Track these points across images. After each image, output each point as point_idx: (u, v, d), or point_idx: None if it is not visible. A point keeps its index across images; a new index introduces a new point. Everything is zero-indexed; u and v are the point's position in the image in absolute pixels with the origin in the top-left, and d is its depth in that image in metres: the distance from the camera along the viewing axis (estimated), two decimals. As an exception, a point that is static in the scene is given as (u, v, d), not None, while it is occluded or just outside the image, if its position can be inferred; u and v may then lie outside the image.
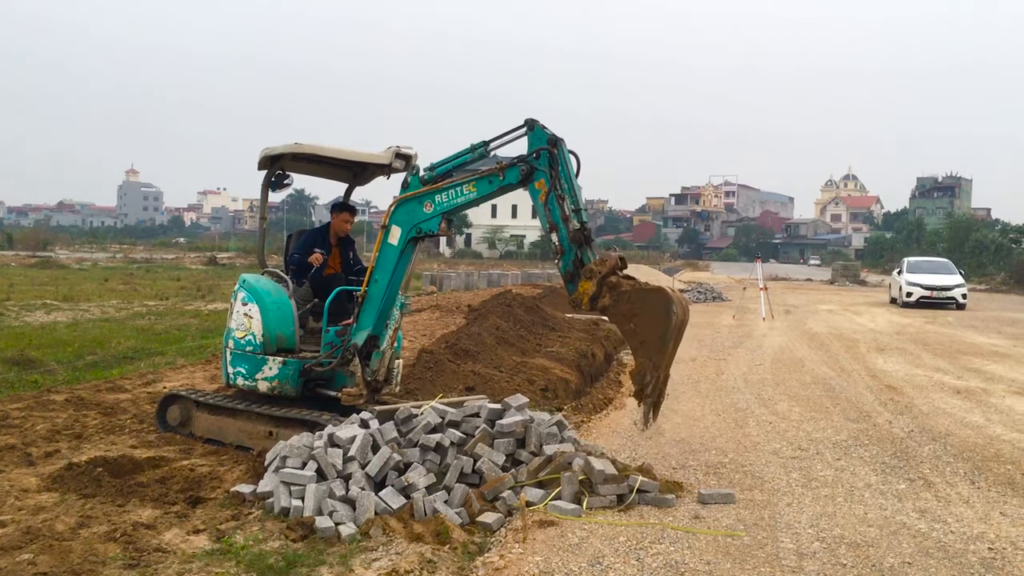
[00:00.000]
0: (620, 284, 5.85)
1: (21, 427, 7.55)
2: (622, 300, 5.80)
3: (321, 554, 4.86)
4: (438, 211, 6.55)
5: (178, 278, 33.25)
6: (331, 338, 6.98)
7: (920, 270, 29.50)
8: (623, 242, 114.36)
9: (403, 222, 6.68)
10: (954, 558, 5.08)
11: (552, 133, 6.19)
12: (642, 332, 5.81)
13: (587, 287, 5.90)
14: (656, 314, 5.73)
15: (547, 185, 6.09)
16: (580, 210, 6.10)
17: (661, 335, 5.75)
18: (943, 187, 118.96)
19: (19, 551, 4.71)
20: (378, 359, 6.83)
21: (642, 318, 5.78)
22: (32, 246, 57.27)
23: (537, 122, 6.25)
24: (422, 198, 6.60)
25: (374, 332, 6.83)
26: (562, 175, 6.10)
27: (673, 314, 5.71)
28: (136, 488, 5.93)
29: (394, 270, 6.75)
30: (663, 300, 5.75)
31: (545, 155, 6.09)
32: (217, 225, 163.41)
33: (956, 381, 11.99)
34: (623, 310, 5.82)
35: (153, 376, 10.56)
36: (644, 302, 5.77)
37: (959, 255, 53.67)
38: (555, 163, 6.09)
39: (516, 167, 6.19)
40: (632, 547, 5.11)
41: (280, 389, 7.11)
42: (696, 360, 13.83)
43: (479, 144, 6.56)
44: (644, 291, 5.81)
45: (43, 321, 16.47)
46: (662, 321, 5.72)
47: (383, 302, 6.78)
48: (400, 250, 6.71)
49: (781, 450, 7.74)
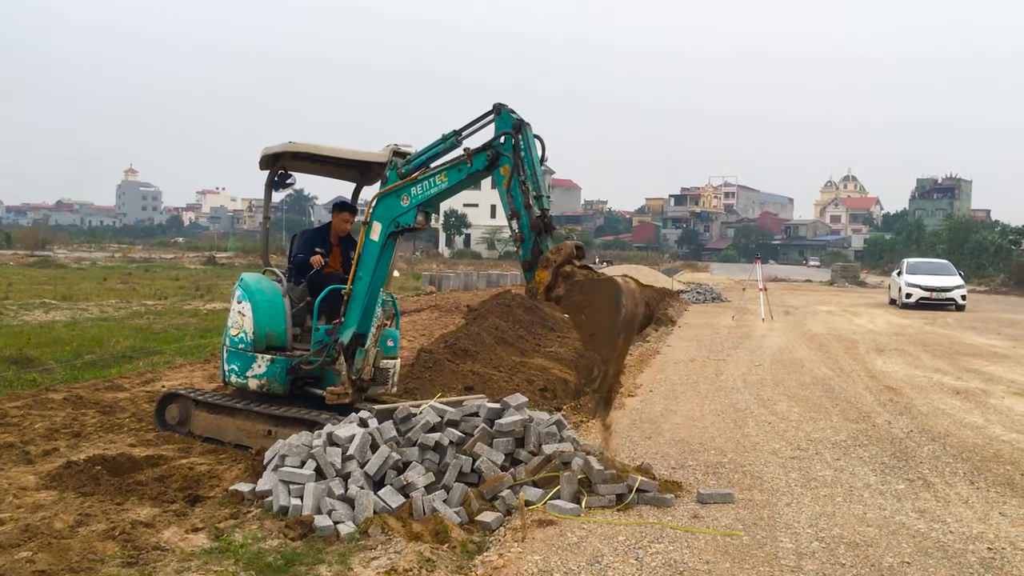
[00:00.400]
0: (574, 273, 5.71)
1: (20, 425, 7.54)
2: (574, 290, 5.65)
3: (320, 553, 4.85)
4: (414, 203, 6.52)
5: (177, 278, 33.27)
6: (321, 336, 6.99)
7: (920, 271, 29.51)
8: (622, 242, 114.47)
9: (383, 217, 6.66)
10: (953, 558, 5.07)
11: (518, 117, 6.11)
12: (592, 324, 5.63)
13: (543, 276, 5.78)
14: (605, 305, 5.56)
15: (511, 170, 6.03)
16: (542, 196, 6.00)
17: (610, 327, 5.55)
18: (943, 188, 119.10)
19: (18, 549, 4.70)
20: (362, 357, 6.78)
21: (593, 309, 5.62)
22: (31, 245, 57.29)
23: (505, 107, 6.18)
24: (399, 192, 6.58)
25: (360, 330, 6.81)
26: (525, 160, 6.01)
27: (622, 306, 5.50)
28: (135, 486, 5.92)
29: (376, 266, 6.72)
30: (612, 290, 5.56)
31: (509, 140, 6.03)
32: (216, 225, 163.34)
33: (955, 382, 11.99)
34: (575, 300, 5.67)
35: (152, 375, 10.56)
36: (595, 292, 5.61)
37: (959, 256, 53.70)
38: (519, 148, 6.02)
39: (482, 153, 6.16)
40: (631, 546, 5.11)
41: (268, 387, 7.13)
42: (695, 360, 13.83)
43: (450, 133, 6.53)
44: (595, 281, 5.66)
45: (42, 320, 16.46)
46: (611, 313, 5.53)
47: (367, 299, 6.76)
48: (381, 246, 6.68)
49: (780, 450, 7.73)
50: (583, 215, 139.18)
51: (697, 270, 69.30)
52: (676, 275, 47.48)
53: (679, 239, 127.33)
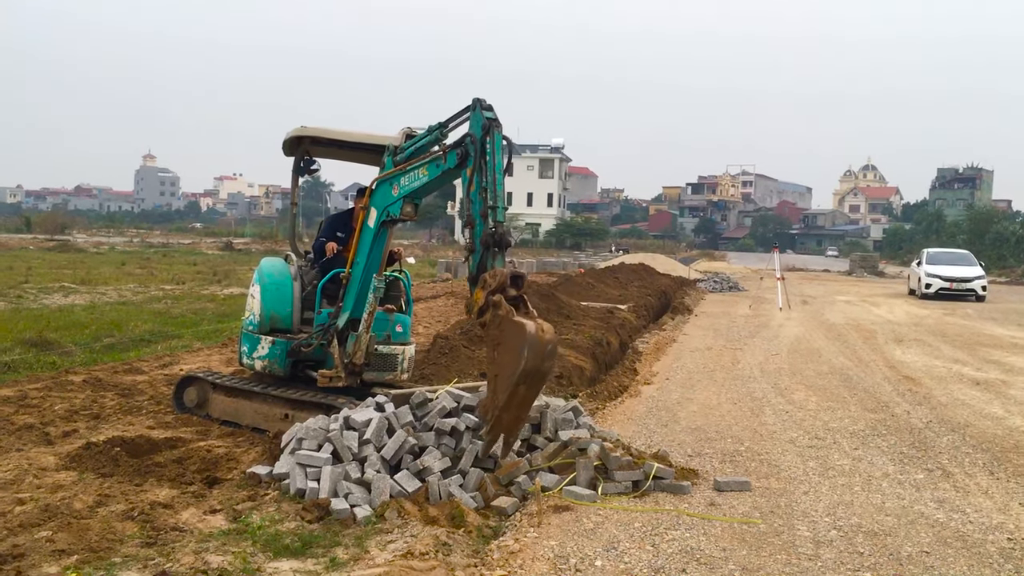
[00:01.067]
0: (499, 305, 5.27)
1: (40, 407, 7.60)
2: (493, 324, 5.30)
3: (336, 535, 4.87)
4: (401, 194, 6.40)
5: (194, 263, 33.43)
6: (323, 319, 7.01)
7: (939, 261, 29.27)
8: (639, 231, 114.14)
9: (378, 204, 6.61)
10: (972, 548, 5.03)
11: (490, 117, 5.74)
12: (499, 364, 5.28)
13: (478, 297, 5.42)
14: (512, 352, 5.15)
15: (472, 174, 5.70)
16: (498, 207, 5.58)
17: (510, 375, 5.15)
18: (964, 178, 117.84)
19: (38, 528, 4.75)
20: (353, 342, 6.75)
21: (503, 350, 5.26)
22: (50, 230, 57.65)
23: (481, 102, 5.82)
24: (392, 180, 6.49)
25: (354, 315, 6.79)
26: (488, 166, 5.63)
27: (524, 358, 5.08)
28: (153, 468, 5.96)
29: (369, 253, 6.68)
30: (519, 340, 5.12)
31: (473, 145, 5.70)
32: (233, 210, 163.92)
33: (975, 373, 11.90)
34: (493, 335, 5.31)
35: (170, 359, 10.62)
36: (507, 335, 5.20)
37: (979, 247, 53.28)
38: (483, 152, 5.66)
39: (453, 151, 5.88)
40: (647, 533, 5.10)
41: (270, 368, 7.19)
42: (712, 349, 13.78)
43: (436, 125, 6.36)
44: (509, 322, 5.21)
45: (61, 304, 16.58)
46: (514, 361, 5.13)
47: (361, 285, 6.74)
48: (375, 232, 6.64)
49: (798, 439, 7.70)
50: (599, 203, 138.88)
51: (714, 259, 68.98)
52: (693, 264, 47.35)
53: (696, 228, 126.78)
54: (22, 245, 41.95)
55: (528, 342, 5.10)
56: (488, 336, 5.36)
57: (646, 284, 24.51)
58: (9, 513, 4.99)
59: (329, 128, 7.59)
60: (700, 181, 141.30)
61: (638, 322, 16.64)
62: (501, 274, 5.36)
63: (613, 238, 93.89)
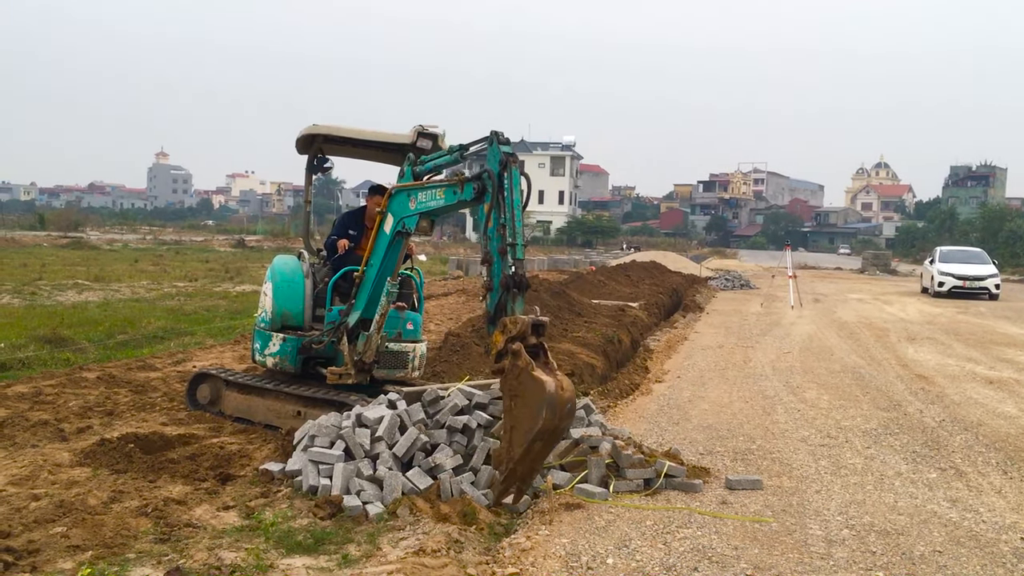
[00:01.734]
0: (519, 355, 5.15)
1: (54, 403, 7.65)
2: (511, 374, 5.20)
3: (349, 532, 4.89)
4: (418, 209, 6.36)
5: (207, 260, 33.55)
6: (334, 317, 7.03)
7: (953, 260, 29.11)
8: (650, 229, 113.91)
9: (395, 212, 6.55)
10: (985, 547, 5.01)
11: (508, 152, 5.62)
12: (516, 417, 5.18)
13: (497, 340, 5.29)
14: (530, 408, 5.07)
15: (491, 209, 5.58)
16: (517, 245, 5.46)
17: (527, 431, 5.07)
18: (977, 176, 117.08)
19: (52, 524, 4.78)
20: (363, 341, 6.76)
21: (520, 403, 5.15)
22: (64, 227, 57.96)
23: (499, 136, 5.71)
24: (410, 192, 6.44)
25: (366, 315, 6.80)
26: (506, 202, 5.52)
27: (542, 418, 5.00)
28: (167, 464, 5.99)
29: (384, 257, 6.67)
30: (538, 398, 5.02)
31: (491, 180, 5.60)
32: (245, 208, 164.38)
33: (988, 371, 11.83)
34: (510, 385, 5.21)
35: (183, 355, 10.67)
36: (526, 390, 5.09)
37: (992, 245, 53.00)
38: (501, 187, 5.55)
39: (470, 184, 5.80)
40: (659, 531, 5.10)
41: (281, 365, 7.23)
42: (724, 347, 13.75)
43: (456, 147, 6.41)
44: (530, 378, 5.09)
45: (75, 301, 16.68)
46: (532, 418, 5.05)
47: (373, 287, 6.75)
48: (389, 240, 6.61)
49: (810, 437, 7.68)
50: (611, 201, 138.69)
51: (725, 257, 68.81)
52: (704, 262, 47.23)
53: (707, 226, 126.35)
54: (36, 242, 42.20)
55: (547, 402, 5.01)
56: (505, 385, 5.24)
57: (657, 282, 24.48)
58: (24, 509, 5.03)
59: (342, 126, 7.61)
60: (712, 179, 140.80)
61: (649, 320, 16.62)
62: (523, 322, 5.21)
63: (624, 236, 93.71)
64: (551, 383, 5.03)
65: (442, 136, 7.49)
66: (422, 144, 7.46)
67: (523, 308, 5.43)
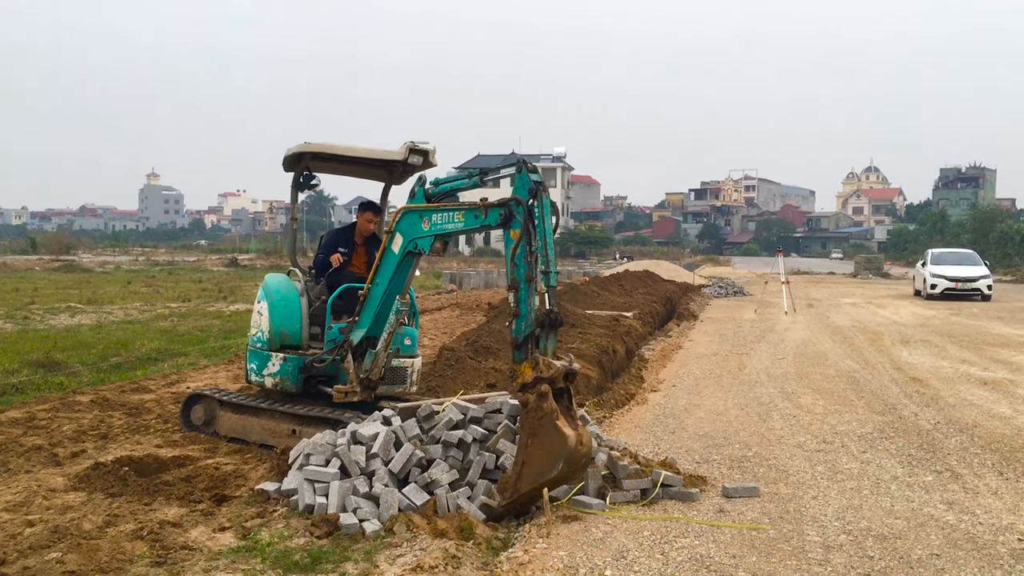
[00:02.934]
0: (544, 397, 5.25)
1: (48, 428, 7.62)
2: (533, 414, 5.29)
3: (346, 551, 4.87)
4: (432, 231, 6.34)
5: (200, 280, 33.48)
6: (334, 335, 7.01)
7: (944, 262, 29.21)
8: (643, 238, 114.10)
9: (405, 232, 6.52)
10: (983, 549, 5.02)
11: (536, 181, 5.66)
12: (531, 455, 5.30)
13: (526, 373, 5.37)
14: (547, 454, 5.23)
15: (520, 236, 5.60)
16: (550, 272, 5.52)
17: (539, 473, 5.26)
18: (967, 178, 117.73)
19: (47, 550, 4.76)
20: (371, 359, 6.75)
21: (537, 444, 5.27)
22: (55, 250, 57.89)
23: (526, 164, 5.78)
24: (423, 214, 6.43)
25: (371, 332, 6.78)
26: (536, 231, 5.55)
27: (557, 469, 5.21)
28: (162, 487, 5.97)
29: (392, 277, 6.64)
30: (557, 448, 5.19)
31: (521, 208, 5.61)
32: (238, 227, 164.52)
33: (983, 372, 11.86)
34: (531, 423, 5.30)
35: (177, 376, 10.64)
36: (546, 435, 5.21)
37: (984, 246, 53.16)
38: (531, 216, 5.57)
39: (496, 209, 5.82)
40: (657, 541, 5.09)
41: (282, 385, 7.19)
42: (718, 354, 13.76)
43: (475, 171, 6.45)
44: (553, 426, 5.21)
45: (67, 324, 16.63)
46: (547, 464, 5.23)
47: (380, 305, 6.72)
48: (399, 259, 6.57)
49: (806, 443, 7.68)
50: (603, 211, 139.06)
51: (719, 264, 68.96)
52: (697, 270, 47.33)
53: (700, 233, 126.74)
54: (28, 266, 42.09)
55: (566, 456, 5.20)
56: (525, 421, 5.35)
57: (651, 291, 24.51)
58: (19, 535, 5.00)
59: (334, 144, 7.61)
60: (703, 187, 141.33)
61: (644, 329, 16.63)
62: (557, 369, 5.31)
63: (617, 245, 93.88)
64: (572, 438, 5.21)
65: (432, 152, 7.49)
66: (413, 160, 7.44)
67: (555, 344, 5.54)
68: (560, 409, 5.30)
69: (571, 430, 5.25)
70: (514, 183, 5.78)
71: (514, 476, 5.38)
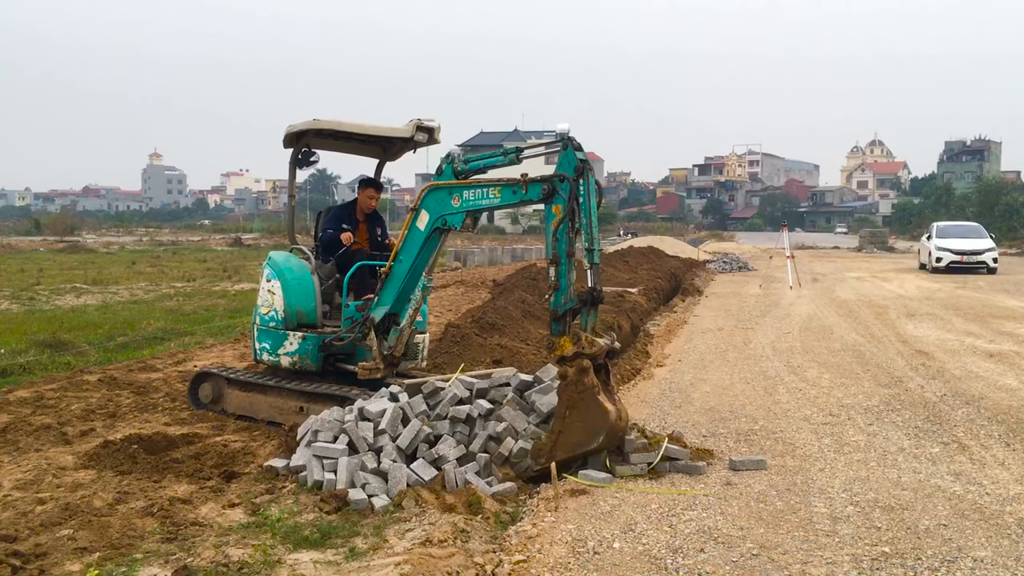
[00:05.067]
0: (586, 372, 5.47)
1: (56, 407, 7.65)
2: (573, 387, 5.48)
3: (355, 525, 4.90)
4: (464, 207, 6.35)
5: (204, 260, 33.54)
6: (351, 312, 7.01)
7: (950, 235, 29.12)
8: (647, 214, 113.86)
9: (432, 209, 6.51)
10: (990, 520, 5.03)
11: (583, 159, 5.80)
12: (569, 426, 5.51)
13: (567, 346, 5.54)
14: (587, 427, 5.49)
15: (563, 213, 5.73)
16: (594, 250, 5.71)
17: (577, 444, 5.54)
18: (972, 151, 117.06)
19: (59, 527, 4.79)
20: (396, 336, 6.76)
21: (577, 416, 5.48)
22: (60, 231, 57.91)
23: (572, 141, 5.86)
24: (452, 190, 6.41)
25: (393, 309, 6.78)
26: (582, 208, 5.70)
27: (598, 441, 5.52)
28: (171, 464, 6.00)
29: (418, 254, 6.63)
30: (599, 422, 5.48)
31: (567, 184, 5.72)
32: (241, 206, 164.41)
33: (988, 345, 11.85)
34: (570, 395, 5.50)
35: (183, 355, 10.67)
36: (587, 409, 5.46)
37: (989, 219, 52.96)
38: (576, 194, 5.70)
39: (539, 185, 5.87)
40: (664, 514, 5.11)
41: (301, 364, 7.18)
42: (723, 330, 13.76)
43: (511, 149, 6.40)
44: (595, 401, 5.47)
45: (73, 304, 16.67)
46: (587, 436, 5.51)
47: (404, 282, 6.71)
48: (425, 236, 6.56)
49: (812, 416, 7.69)
50: (607, 187, 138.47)
51: (723, 240, 68.78)
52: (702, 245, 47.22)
53: (704, 209, 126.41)
54: (32, 247, 42.15)
55: (607, 429, 5.50)
56: (565, 393, 5.55)
57: (655, 267, 24.46)
58: (30, 513, 5.04)
59: (342, 121, 7.56)
60: (707, 162, 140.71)
61: (649, 305, 16.61)
62: (600, 347, 5.55)
63: (621, 222, 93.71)
64: (613, 412, 5.51)
65: (438, 129, 7.50)
66: (419, 137, 7.47)
67: (595, 320, 5.81)
68: (600, 384, 5.52)
69: (612, 405, 5.51)
70: (559, 160, 5.88)
71: (550, 443, 5.59)
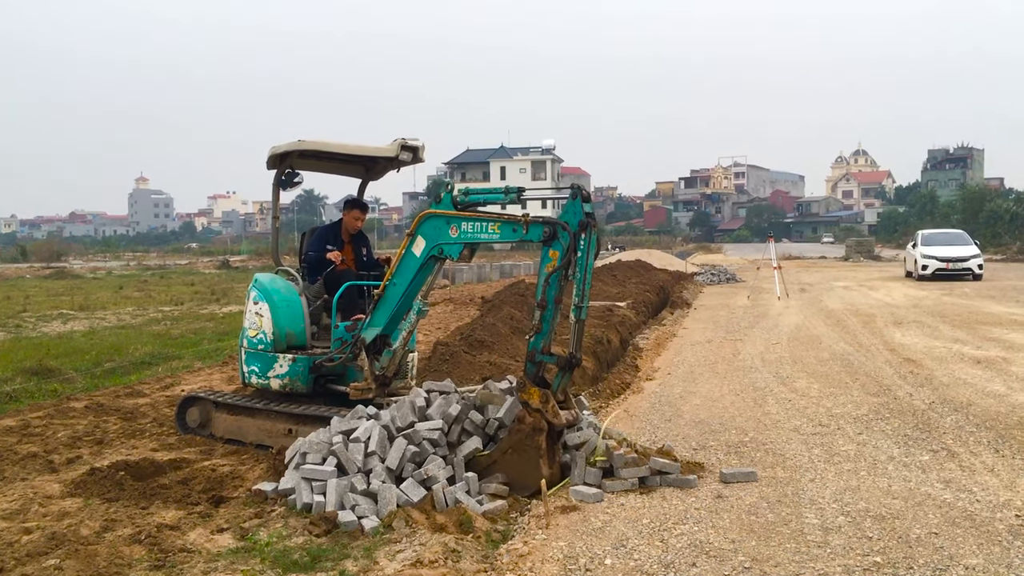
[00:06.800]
0: (539, 432, 5.69)
1: (43, 435, 7.59)
2: (522, 437, 5.71)
3: (345, 548, 4.86)
4: (462, 239, 6.35)
5: (192, 283, 33.40)
6: (341, 333, 6.99)
7: (935, 242, 29.28)
8: (634, 228, 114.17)
9: (429, 236, 6.50)
10: (981, 527, 5.03)
11: (589, 212, 5.85)
12: (505, 462, 5.76)
13: (534, 398, 5.73)
14: (519, 474, 5.71)
15: (559, 262, 5.81)
16: (583, 307, 5.81)
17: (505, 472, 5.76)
18: (955, 158, 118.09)
19: (45, 557, 4.73)
20: (389, 357, 6.75)
21: (514, 461, 5.73)
22: (46, 257, 57.69)
23: (581, 192, 5.92)
24: (450, 220, 6.39)
25: (385, 331, 6.78)
26: (579, 264, 5.77)
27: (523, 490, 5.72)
28: (159, 490, 5.95)
29: (412, 279, 6.62)
30: (529, 479, 5.67)
31: (568, 236, 5.77)
32: (228, 229, 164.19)
33: (976, 351, 11.90)
34: (518, 440, 5.72)
35: (171, 380, 10.61)
36: (525, 462, 5.70)
37: (974, 226, 53.41)
38: (576, 247, 5.77)
39: (540, 227, 5.91)
40: (656, 528, 5.10)
41: (291, 386, 7.14)
42: (712, 342, 13.78)
43: (514, 189, 6.39)
44: (535, 461, 5.68)
45: (60, 331, 16.57)
46: (517, 476, 5.73)
47: (398, 306, 6.70)
48: (421, 263, 6.56)
49: (802, 427, 7.70)
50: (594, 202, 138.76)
51: (710, 252, 69.07)
52: (689, 258, 47.37)
53: (691, 222, 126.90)
54: (19, 274, 41.91)
55: (535, 488, 5.58)
56: (513, 434, 5.77)
57: (644, 280, 24.52)
58: (16, 543, 4.98)
59: (327, 141, 7.56)
60: (693, 175, 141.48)
61: (638, 318, 16.65)
62: (561, 422, 5.82)
63: (609, 236, 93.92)
64: (547, 475, 5.63)
65: (422, 148, 7.50)
66: (403, 156, 7.47)
67: (567, 383, 6.04)
68: (546, 446, 5.75)
69: (547, 470, 5.70)
70: (564, 207, 5.91)
71: (487, 462, 5.84)
